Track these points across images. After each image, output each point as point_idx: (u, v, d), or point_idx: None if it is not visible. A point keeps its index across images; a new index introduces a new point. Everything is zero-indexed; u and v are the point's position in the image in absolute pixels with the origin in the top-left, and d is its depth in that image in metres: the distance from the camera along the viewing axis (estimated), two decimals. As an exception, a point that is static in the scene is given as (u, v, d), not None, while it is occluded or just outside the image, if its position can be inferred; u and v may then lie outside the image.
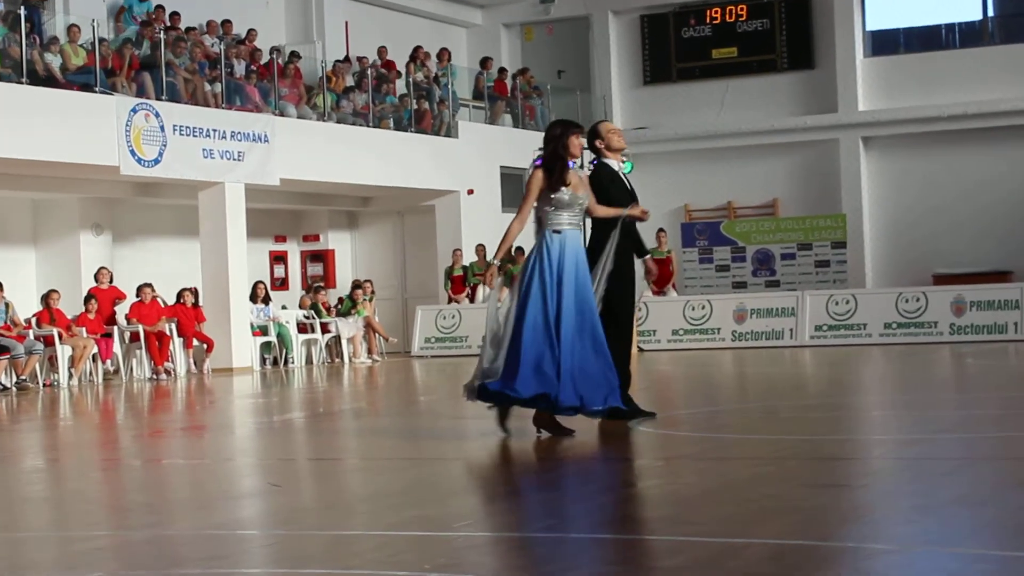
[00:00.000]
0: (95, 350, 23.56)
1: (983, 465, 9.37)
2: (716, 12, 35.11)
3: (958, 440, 10.80)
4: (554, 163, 11.50)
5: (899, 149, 33.59)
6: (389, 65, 30.85)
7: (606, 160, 12.39)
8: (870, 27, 34.42)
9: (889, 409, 12.50)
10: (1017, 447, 10.25)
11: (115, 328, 24.32)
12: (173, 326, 24.93)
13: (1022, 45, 33.18)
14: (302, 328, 27.61)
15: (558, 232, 11.55)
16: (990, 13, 34.19)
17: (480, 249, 30.30)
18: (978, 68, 33.05)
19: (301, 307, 28.45)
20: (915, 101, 33.34)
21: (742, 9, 34.95)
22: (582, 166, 12.44)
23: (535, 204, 11.59)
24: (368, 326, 28.20)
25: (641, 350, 26.68)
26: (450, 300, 29.99)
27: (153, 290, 24.89)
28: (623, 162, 12.55)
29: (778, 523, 7.29)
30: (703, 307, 27.93)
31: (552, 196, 11.47)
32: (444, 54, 32.65)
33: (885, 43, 34.58)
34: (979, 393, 15.56)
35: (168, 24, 26.24)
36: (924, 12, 34.46)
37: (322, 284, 29.46)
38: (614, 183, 12.23)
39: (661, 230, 30.67)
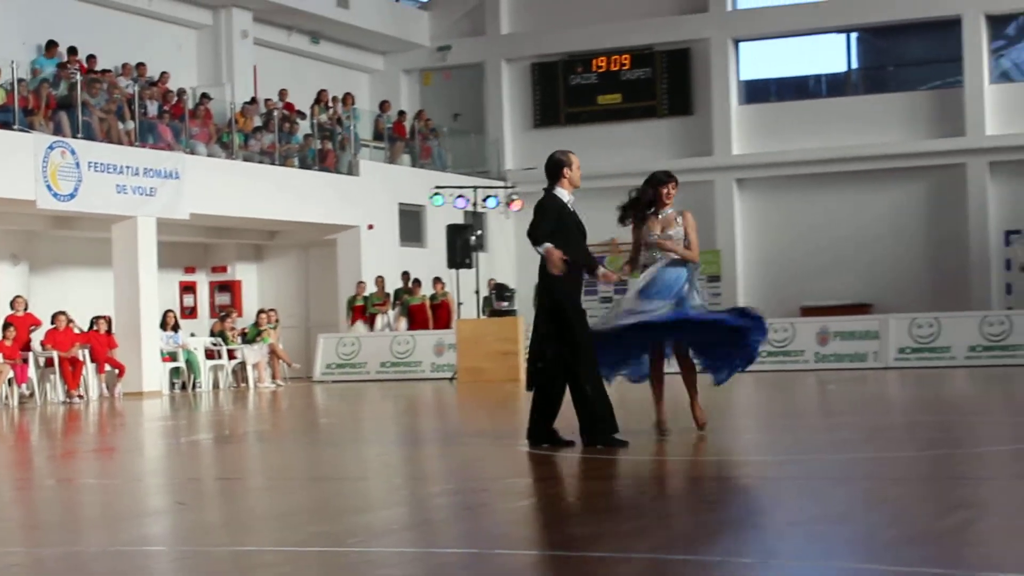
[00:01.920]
0: (11, 375, 23.24)
1: (847, 484, 9.47)
2: (602, 61, 35.34)
3: (823, 461, 10.90)
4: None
5: (770, 190, 33.94)
6: (289, 107, 30.71)
7: (559, 192, 11.99)
8: (744, 77, 34.79)
9: (760, 432, 12.60)
10: (878, 468, 10.37)
11: (30, 354, 24.00)
12: (86, 352, 24.65)
13: (883, 95, 33.71)
14: (210, 354, 27.40)
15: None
16: (854, 65, 34.70)
17: (380, 281, 30.26)
18: (843, 116, 33.48)
19: (211, 334, 28.24)
20: (785, 146, 33.72)
21: (626, 59, 35.20)
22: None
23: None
24: (272, 353, 28.03)
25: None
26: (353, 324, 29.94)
27: (67, 317, 24.60)
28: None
29: (654, 538, 7.33)
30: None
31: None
32: (347, 97, 32.60)
33: (757, 92, 34.97)
34: (842, 418, 15.72)
35: (85, 66, 26.03)
36: (793, 63, 34.92)
37: (229, 313, 29.24)
38: (562, 216, 11.88)
39: (549, 264, 30.73)
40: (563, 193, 11.94)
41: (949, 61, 33.09)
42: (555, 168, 11.96)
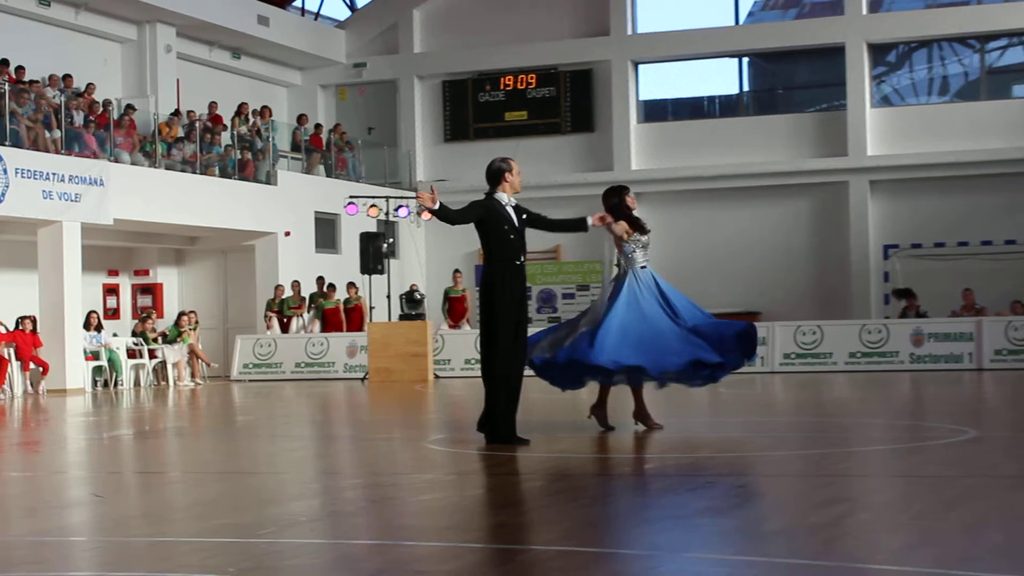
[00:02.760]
0: (-62, 371, 22.94)
1: (727, 481, 9.56)
2: (509, 80, 35.42)
3: (707, 459, 11.00)
4: (630, 218, 12.79)
5: (666, 203, 34.12)
6: (216, 119, 30.56)
7: (500, 195, 12.13)
8: (642, 97, 35.00)
9: (649, 431, 12.68)
10: (757, 465, 10.48)
11: (-42, 352, 23.70)
12: (12, 350, 24.38)
13: (772, 116, 34.05)
14: (131, 354, 27.16)
15: (644, 268, 12.94)
16: (745, 88, 35.02)
17: (296, 285, 30.14)
18: (734, 135, 33.79)
19: (132, 335, 28.00)
20: (680, 162, 33.96)
21: (532, 78, 35.30)
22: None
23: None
24: (192, 352, 27.83)
25: (437, 377, 26.72)
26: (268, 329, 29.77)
27: (-6, 317, 24.35)
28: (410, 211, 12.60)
29: (548, 531, 7.38)
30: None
31: (639, 239, 12.98)
32: (266, 110, 32.44)
33: (655, 111, 35.19)
34: (729, 418, 15.86)
35: (14, 76, 25.73)
36: (689, 85, 35.19)
37: (150, 314, 28.99)
38: (492, 213, 12.05)
39: (457, 271, 30.81)
40: (503, 196, 12.14)
41: (833, 86, 33.49)
42: (496, 175, 12.20)
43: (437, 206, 11.65)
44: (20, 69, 26.24)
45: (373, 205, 28.71)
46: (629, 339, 12.28)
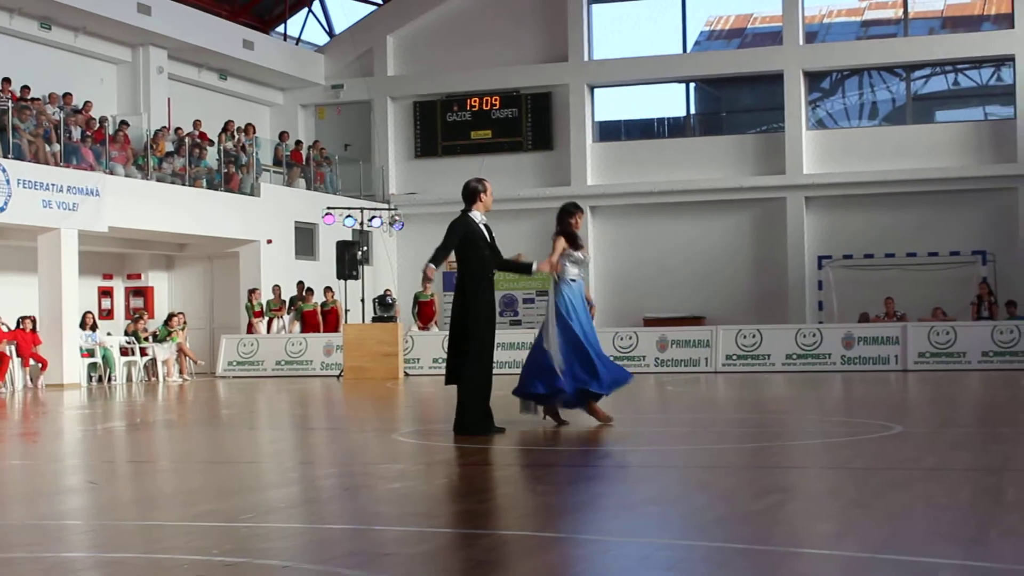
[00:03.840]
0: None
1: (673, 472, 9.59)
2: (475, 101, 35.41)
3: (655, 451, 11.03)
4: (571, 235, 12.69)
5: (619, 216, 34.21)
6: (202, 136, 30.46)
7: (474, 213, 12.26)
8: (598, 118, 35.06)
9: (604, 427, 12.69)
10: (701, 458, 10.51)
11: (-38, 349, 23.54)
12: (13, 348, 24.23)
13: (716, 137, 34.15)
14: (124, 351, 27.02)
15: (575, 281, 12.65)
16: (692, 111, 35.11)
17: (276, 289, 30.07)
18: (682, 154, 33.88)
19: (125, 334, 27.87)
20: (633, 179, 34.03)
21: (496, 100, 35.31)
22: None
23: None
24: (180, 351, 27.71)
25: (407, 375, 26.69)
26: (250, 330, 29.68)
27: (-4, 317, 24.21)
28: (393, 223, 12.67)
29: (507, 517, 7.38)
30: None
31: (572, 253, 12.65)
32: (250, 127, 32.34)
33: (610, 131, 35.24)
34: (675, 414, 15.90)
35: (17, 95, 25.58)
36: (641, 107, 35.25)
37: (142, 315, 28.86)
38: (469, 232, 12.11)
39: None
40: (476, 215, 12.27)
41: (773, 109, 33.61)
42: (471, 194, 12.33)
43: (435, 268, 11.82)
44: (24, 88, 26.11)
45: (349, 216, 28.66)
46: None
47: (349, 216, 29.01)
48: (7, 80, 25.86)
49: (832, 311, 31.48)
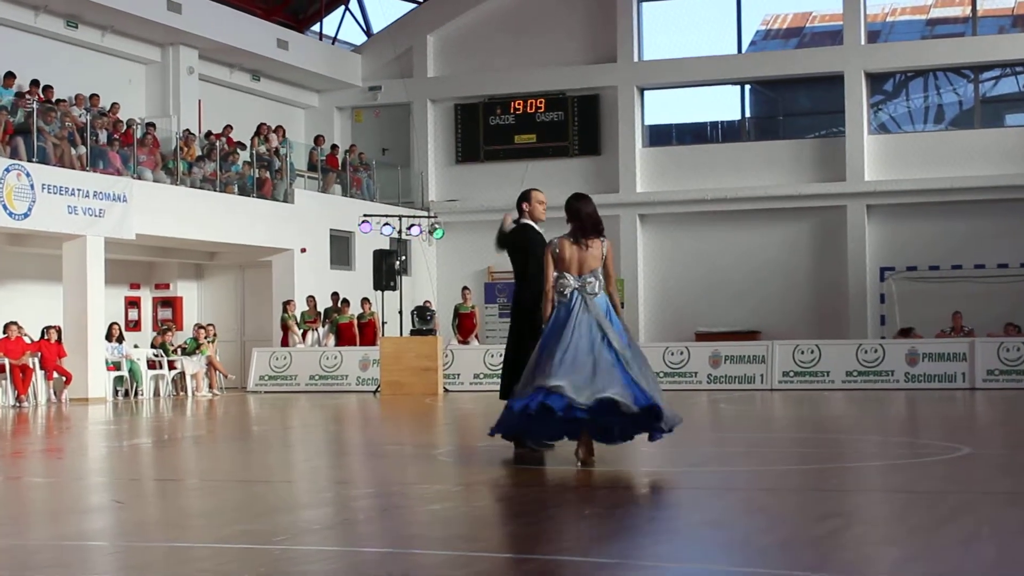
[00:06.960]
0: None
1: (729, 494, 9.53)
2: (519, 104, 35.45)
3: (708, 472, 10.98)
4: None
5: (670, 225, 34.16)
6: (230, 142, 30.56)
7: (528, 222, 12.39)
8: (648, 122, 35.02)
9: (655, 446, 12.61)
10: (758, 479, 10.45)
11: (-17, 361, 23.71)
12: (36, 360, 24.39)
13: (772, 142, 34.06)
14: (151, 364, 27.16)
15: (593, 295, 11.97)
16: (747, 114, 35.02)
17: (311, 300, 30.15)
18: (736, 159, 33.80)
19: (152, 346, 28.01)
20: (684, 185, 33.97)
21: (541, 103, 35.33)
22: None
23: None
24: (210, 364, 27.83)
25: (446, 391, 26.70)
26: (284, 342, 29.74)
27: (19, 327, 24.33)
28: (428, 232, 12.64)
29: (556, 541, 7.35)
30: (501, 355, 27.92)
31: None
32: (283, 131, 32.48)
33: (660, 136, 35.20)
34: (730, 433, 15.83)
35: (42, 96, 25.78)
36: (693, 111, 35.22)
37: (170, 327, 29.01)
38: (538, 243, 12.13)
39: (466, 288, 30.82)
40: (533, 224, 12.52)
41: (832, 113, 33.48)
42: (518, 204, 12.56)
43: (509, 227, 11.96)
44: (48, 88, 26.28)
45: (387, 223, 28.73)
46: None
47: (387, 224, 29.05)
48: (35, 82, 26.06)
49: (895, 326, 31.28)
